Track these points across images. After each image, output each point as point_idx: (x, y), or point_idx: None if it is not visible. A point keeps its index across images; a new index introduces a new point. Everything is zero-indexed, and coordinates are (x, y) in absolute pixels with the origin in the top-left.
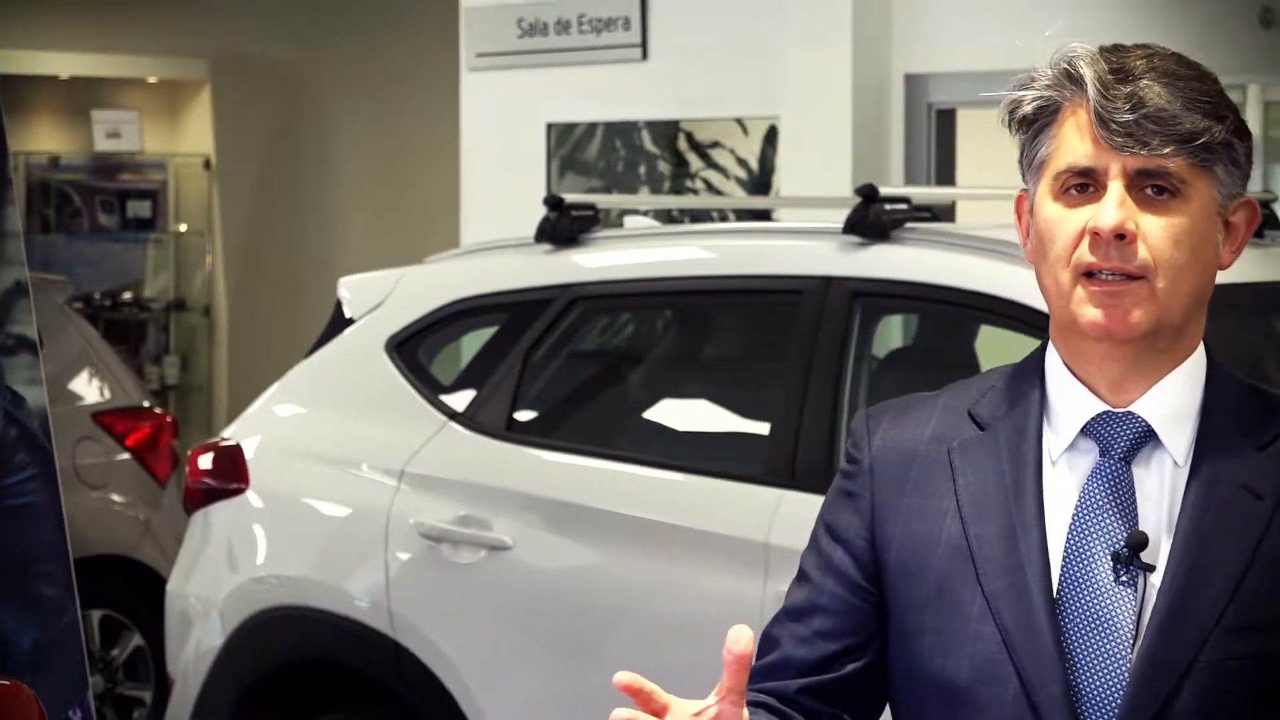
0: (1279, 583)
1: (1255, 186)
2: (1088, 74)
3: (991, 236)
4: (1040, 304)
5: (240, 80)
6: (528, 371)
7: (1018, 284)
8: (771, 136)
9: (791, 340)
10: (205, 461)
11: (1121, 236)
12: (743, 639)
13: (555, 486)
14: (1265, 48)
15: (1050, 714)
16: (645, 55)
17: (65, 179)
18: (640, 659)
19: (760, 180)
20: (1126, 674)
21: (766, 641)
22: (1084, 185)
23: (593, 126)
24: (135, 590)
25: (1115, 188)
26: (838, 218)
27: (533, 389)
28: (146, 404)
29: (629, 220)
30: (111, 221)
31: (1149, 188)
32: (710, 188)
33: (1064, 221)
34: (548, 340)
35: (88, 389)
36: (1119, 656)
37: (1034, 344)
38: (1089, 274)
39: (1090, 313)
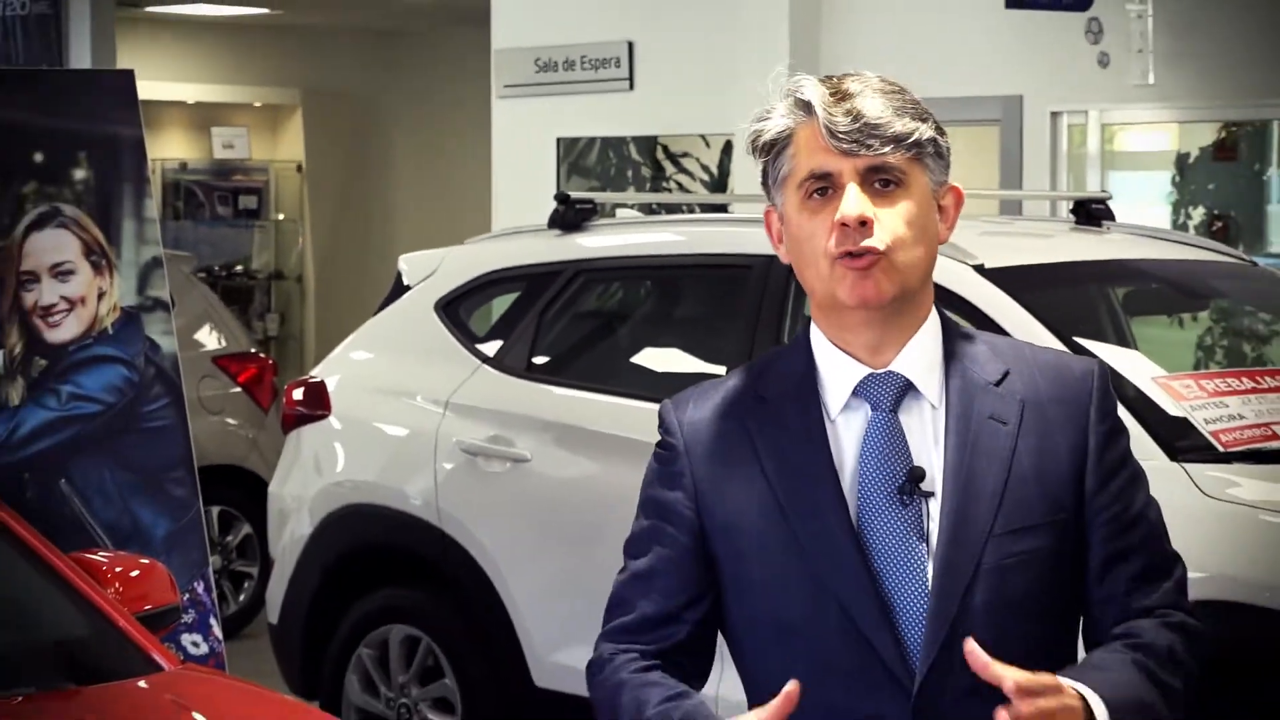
0: (1030, 492)
1: (1094, 188)
2: (814, 97)
3: None
4: None
5: (324, 105)
6: (542, 327)
7: None
8: (727, 149)
9: (743, 302)
10: (298, 394)
11: (864, 224)
12: (794, 692)
13: (563, 413)
14: (1102, 82)
15: (870, 629)
16: (632, 86)
17: (191, 179)
18: (623, 534)
19: (719, 181)
20: (927, 585)
21: (621, 604)
22: (824, 189)
23: (592, 140)
24: (245, 491)
25: (851, 186)
26: None
27: (546, 340)
28: (253, 350)
29: (620, 212)
30: (226, 211)
31: (877, 182)
32: (681, 187)
33: (813, 222)
34: (557, 303)
35: (208, 338)
36: (918, 571)
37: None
38: (840, 257)
39: (847, 288)
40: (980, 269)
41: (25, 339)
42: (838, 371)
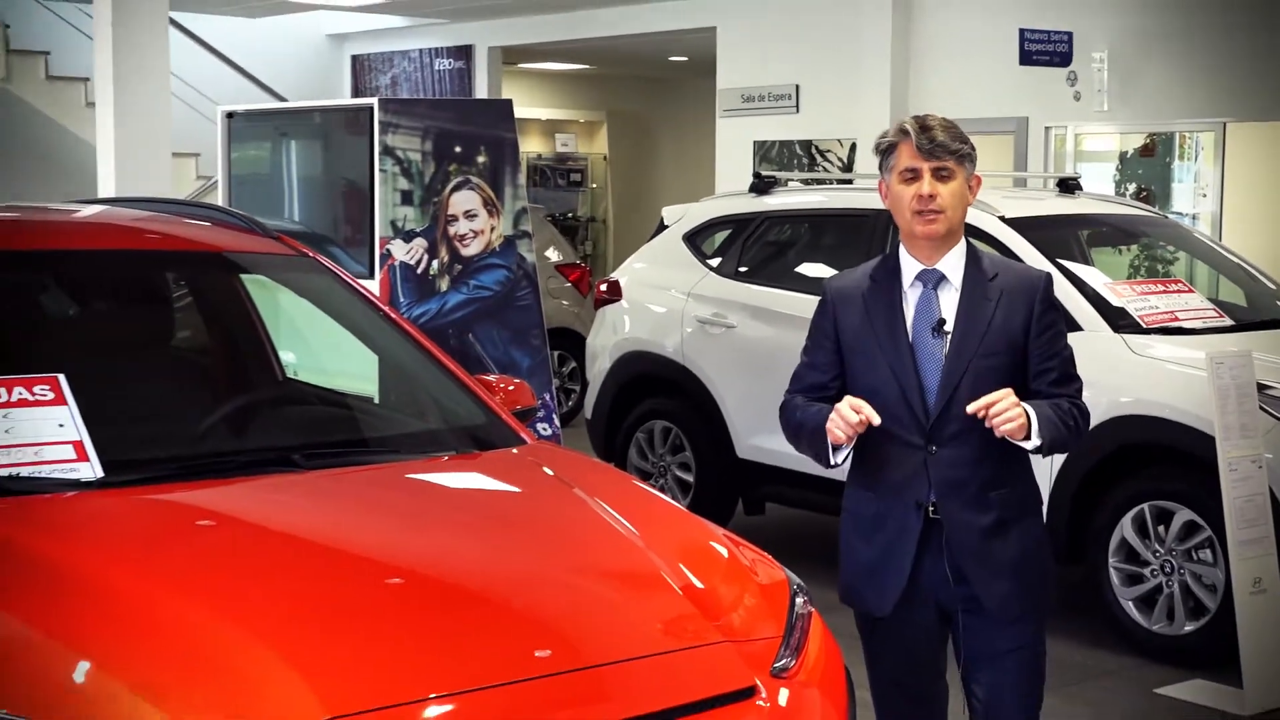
0: (999, 337)
1: (1070, 172)
2: (911, 129)
3: None
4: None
5: (620, 121)
6: (745, 250)
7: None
8: (853, 148)
9: (862, 237)
10: (604, 287)
11: (932, 197)
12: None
13: (756, 300)
14: (1076, 109)
15: (910, 394)
16: (798, 110)
17: (544, 164)
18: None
19: (848, 166)
20: (939, 376)
21: (798, 377)
22: (911, 178)
23: (774, 142)
24: (574, 342)
25: (927, 177)
26: None
27: (746, 258)
28: (578, 261)
29: (790, 183)
30: (563, 183)
31: (939, 173)
32: (825, 169)
33: (905, 193)
34: (753, 236)
35: (553, 254)
36: (937, 370)
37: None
38: (918, 212)
39: (920, 228)
40: (1003, 219)
41: (450, 254)
42: (909, 267)
